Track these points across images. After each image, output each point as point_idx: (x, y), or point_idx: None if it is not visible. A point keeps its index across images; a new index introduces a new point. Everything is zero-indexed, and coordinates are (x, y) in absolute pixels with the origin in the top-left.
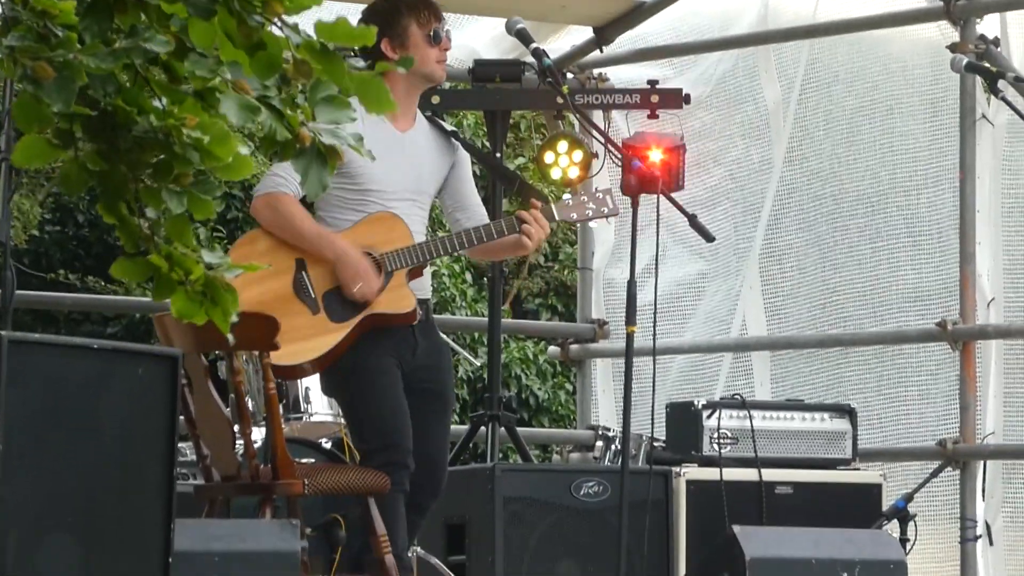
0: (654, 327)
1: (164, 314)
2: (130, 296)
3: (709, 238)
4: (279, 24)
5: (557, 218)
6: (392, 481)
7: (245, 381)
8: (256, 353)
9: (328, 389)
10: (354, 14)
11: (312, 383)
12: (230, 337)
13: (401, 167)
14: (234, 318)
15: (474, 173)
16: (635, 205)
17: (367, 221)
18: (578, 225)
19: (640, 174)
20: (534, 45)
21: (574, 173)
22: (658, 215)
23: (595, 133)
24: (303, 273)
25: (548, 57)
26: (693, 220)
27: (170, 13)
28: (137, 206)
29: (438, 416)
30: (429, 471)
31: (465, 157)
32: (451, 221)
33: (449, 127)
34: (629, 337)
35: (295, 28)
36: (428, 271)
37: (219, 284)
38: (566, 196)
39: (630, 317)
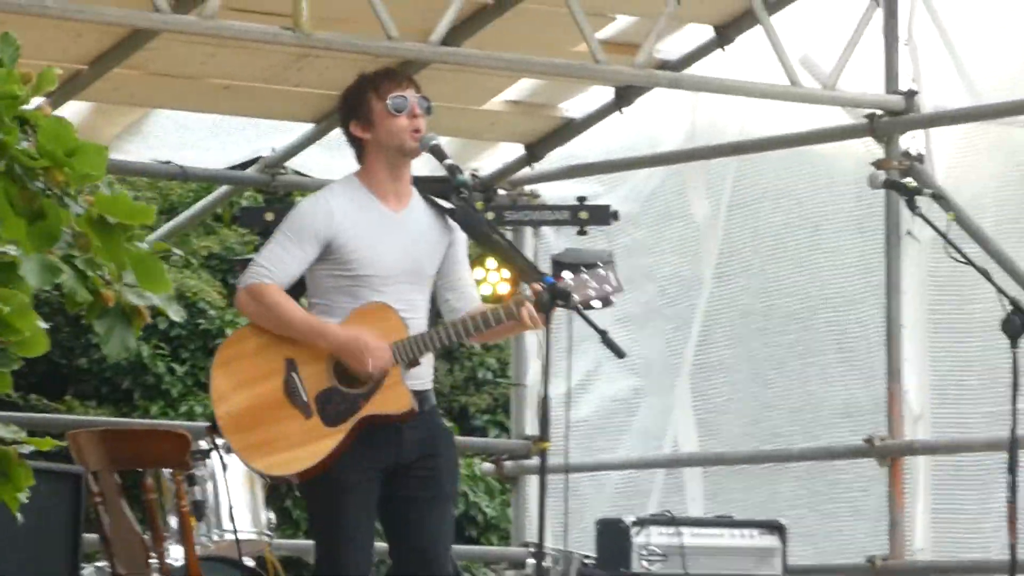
0: (566, 443)
1: (78, 431)
2: (72, 414)
3: (620, 354)
4: (60, 194)
5: (561, 287)
6: None
7: (168, 499)
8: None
9: (301, 492)
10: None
11: (237, 500)
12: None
13: (394, 249)
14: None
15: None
16: (549, 321)
17: (357, 314)
18: (513, 339)
19: (554, 289)
20: (448, 161)
21: (503, 289)
22: (570, 333)
23: (511, 251)
24: (294, 374)
25: (462, 173)
26: (605, 336)
27: None
28: None
29: (430, 503)
30: (423, 564)
31: (462, 237)
32: (441, 301)
33: (446, 205)
34: (543, 453)
35: (75, 199)
36: (429, 359)
37: (12, 458)
38: (567, 275)
39: (544, 433)
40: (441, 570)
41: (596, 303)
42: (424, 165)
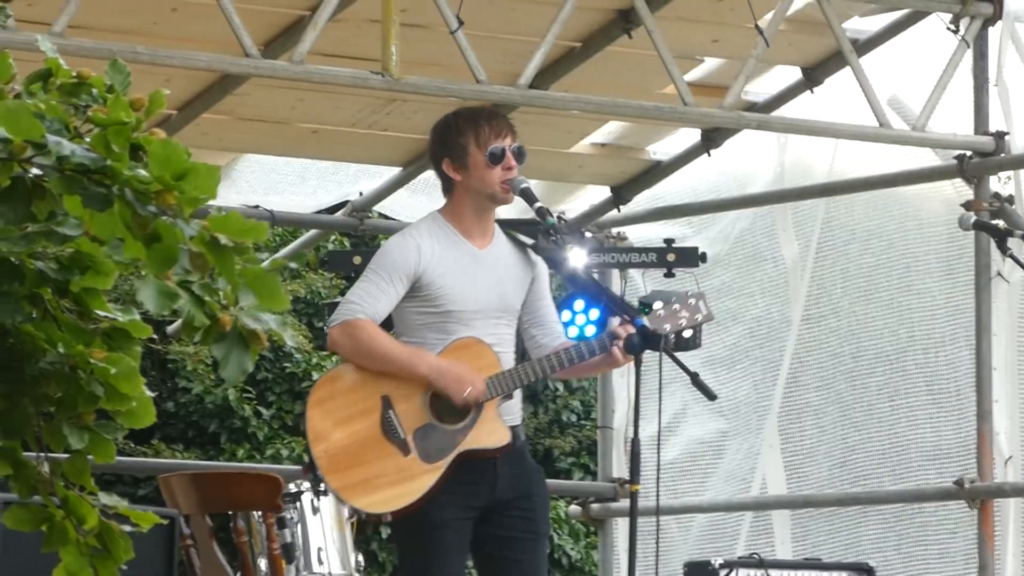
0: (657, 485)
1: (170, 475)
2: (160, 458)
3: (711, 396)
4: (172, 216)
5: (652, 330)
6: None
7: (258, 541)
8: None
9: (393, 528)
10: None
11: (327, 543)
12: None
13: (482, 285)
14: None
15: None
16: (638, 363)
17: (453, 348)
18: (599, 382)
19: (644, 332)
20: (538, 204)
21: (591, 331)
22: (660, 375)
23: (602, 292)
24: (390, 411)
25: (552, 215)
26: (695, 379)
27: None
28: (38, 446)
29: (527, 543)
30: None
31: (544, 271)
32: (527, 337)
33: (527, 240)
34: (633, 496)
35: (188, 220)
36: (519, 394)
37: (115, 532)
38: (657, 306)
39: (634, 476)
40: None
41: (687, 332)
42: (512, 207)
